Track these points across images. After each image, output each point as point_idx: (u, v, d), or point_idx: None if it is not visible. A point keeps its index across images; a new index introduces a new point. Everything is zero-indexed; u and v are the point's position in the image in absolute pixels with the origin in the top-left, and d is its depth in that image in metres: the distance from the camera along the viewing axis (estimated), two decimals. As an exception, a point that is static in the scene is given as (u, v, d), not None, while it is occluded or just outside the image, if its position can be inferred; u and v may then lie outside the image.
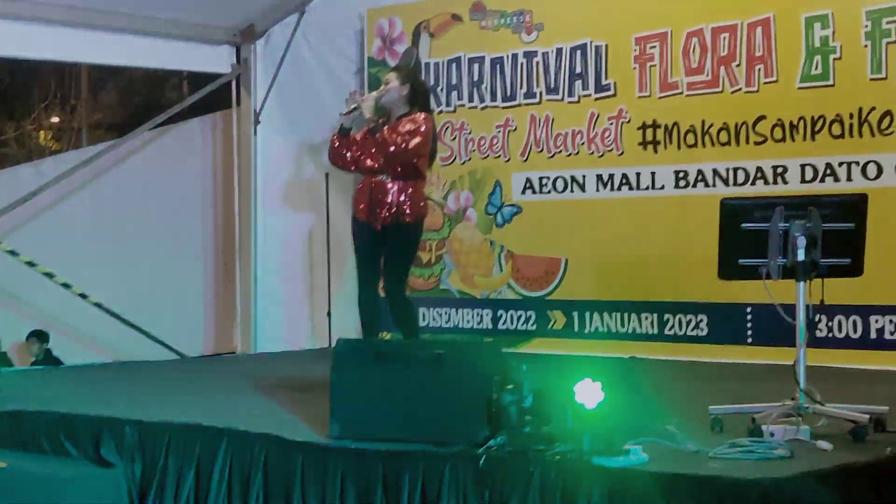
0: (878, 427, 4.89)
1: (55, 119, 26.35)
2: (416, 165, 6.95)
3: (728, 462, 4.36)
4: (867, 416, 4.83)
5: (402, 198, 6.89)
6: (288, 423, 5.39)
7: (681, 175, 8.47)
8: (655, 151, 8.58)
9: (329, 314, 10.05)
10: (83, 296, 10.03)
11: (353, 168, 7.19)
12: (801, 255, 4.90)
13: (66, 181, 10.58)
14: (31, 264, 9.96)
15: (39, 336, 10.80)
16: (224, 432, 5.18)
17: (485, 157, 9.35)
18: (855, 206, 5.07)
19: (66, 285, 10.01)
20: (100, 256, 10.82)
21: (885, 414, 4.98)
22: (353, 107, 6.96)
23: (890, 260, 7.24)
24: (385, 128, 6.88)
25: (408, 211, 6.91)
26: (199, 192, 11.41)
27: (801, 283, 4.97)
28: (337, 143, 7.07)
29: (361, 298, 7.00)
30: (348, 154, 7.05)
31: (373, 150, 6.94)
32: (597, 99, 8.83)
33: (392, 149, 6.81)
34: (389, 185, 6.90)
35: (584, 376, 4.49)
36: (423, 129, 6.87)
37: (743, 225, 5.03)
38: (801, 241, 4.89)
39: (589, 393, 4.42)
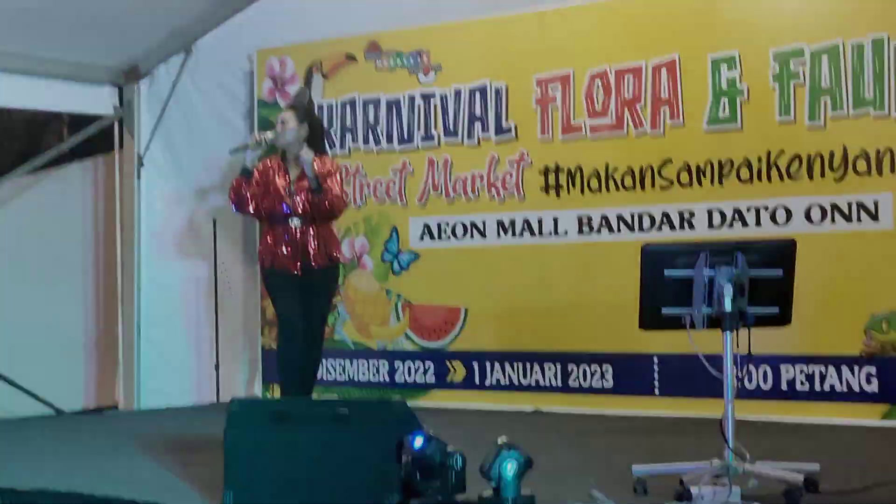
0: (811, 487, 4.61)
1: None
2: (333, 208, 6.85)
3: (660, 530, 4.06)
4: (801, 476, 4.55)
5: (322, 240, 6.70)
6: (177, 491, 4.96)
7: (584, 220, 8.21)
8: (558, 196, 8.31)
9: (217, 367, 9.64)
10: (-48, 349, 9.44)
11: (255, 211, 6.83)
12: (727, 305, 4.62)
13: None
14: None
15: None
16: (109, 502, 4.72)
17: (381, 202, 9.00)
18: (783, 252, 4.80)
19: (-74, 338, 9.41)
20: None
21: (816, 472, 4.72)
22: (242, 144, 6.61)
23: (803, 308, 7.00)
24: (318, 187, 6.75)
25: (334, 252, 6.82)
26: (79, 238, 10.89)
27: (728, 334, 4.68)
28: (240, 186, 6.70)
29: (290, 355, 6.62)
30: (251, 196, 6.71)
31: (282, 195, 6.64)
32: (497, 142, 8.54)
33: (339, 207, 6.86)
34: (312, 230, 6.67)
35: (493, 433, 4.17)
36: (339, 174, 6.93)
37: (666, 272, 4.72)
38: (728, 289, 4.61)
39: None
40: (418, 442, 4.12)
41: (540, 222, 8.37)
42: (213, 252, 9.75)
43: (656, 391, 7.90)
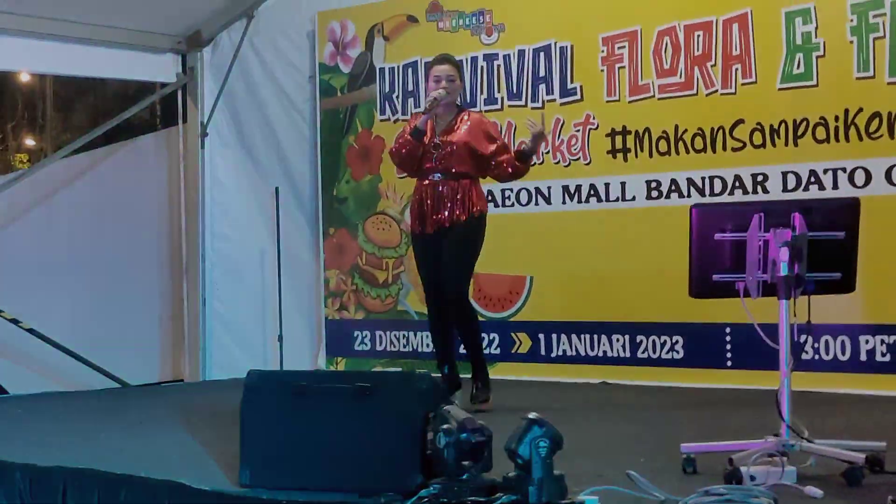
0: (875, 467, 4.23)
1: (29, 141, 25.87)
2: None
3: (700, 514, 3.72)
4: (862, 455, 4.18)
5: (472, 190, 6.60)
6: (200, 467, 4.73)
7: (653, 185, 7.85)
8: (625, 160, 7.95)
9: (280, 338, 9.44)
10: (15, 321, 9.34)
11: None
12: (783, 270, 4.25)
13: (13, 202, 9.91)
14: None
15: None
16: (123, 479, 4.50)
17: (443, 168, 8.69)
18: (846, 212, 4.40)
19: (-3, 311, 9.33)
20: (49, 279, 10.21)
21: (882, 451, 4.32)
22: (430, 104, 6.54)
23: (880, 275, 6.61)
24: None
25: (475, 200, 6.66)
26: (152, 211, 10.80)
27: (784, 302, 4.31)
28: (412, 147, 6.57)
29: (437, 323, 6.70)
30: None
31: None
32: (562, 104, 8.20)
33: None
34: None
35: (559, 405, 3.88)
36: None
37: (716, 235, 4.36)
38: (784, 254, 4.24)
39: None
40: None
41: (607, 187, 8.04)
42: (276, 222, 9.54)
43: (728, 363, 7.52)
